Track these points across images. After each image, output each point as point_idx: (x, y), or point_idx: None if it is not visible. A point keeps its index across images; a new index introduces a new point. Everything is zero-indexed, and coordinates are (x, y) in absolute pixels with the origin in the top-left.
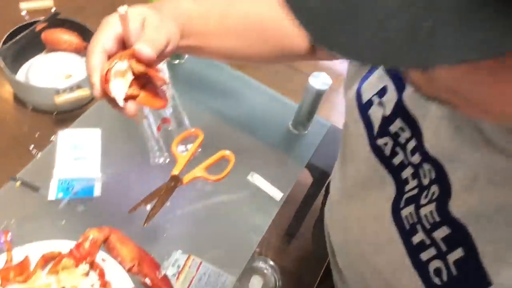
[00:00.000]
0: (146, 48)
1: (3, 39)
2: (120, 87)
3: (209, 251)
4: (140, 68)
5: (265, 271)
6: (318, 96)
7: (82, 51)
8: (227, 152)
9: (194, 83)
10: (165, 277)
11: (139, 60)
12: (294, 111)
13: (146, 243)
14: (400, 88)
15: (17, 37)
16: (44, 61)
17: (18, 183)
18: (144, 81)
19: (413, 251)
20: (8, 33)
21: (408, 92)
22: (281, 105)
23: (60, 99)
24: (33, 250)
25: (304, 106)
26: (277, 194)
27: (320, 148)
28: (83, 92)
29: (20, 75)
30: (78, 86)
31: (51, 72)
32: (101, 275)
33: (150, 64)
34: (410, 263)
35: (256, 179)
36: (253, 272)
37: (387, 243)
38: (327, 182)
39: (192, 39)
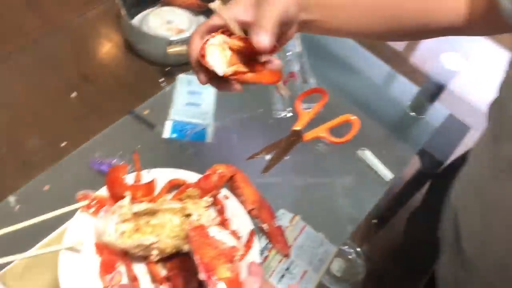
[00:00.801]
0: (262, 40)
1: None
2: (216, 60)
3: (312, 216)
4: (235, 42)
5: (350, 256)
6: (448, 77)
7: (195, 8)
8: (352, 117)
9: (316, 48)
10: (280, 227)
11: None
12: (413, 93)
13: None
14: None
15: None
16: (158, 13)
17: (147, 111)
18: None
19: None
20: None
21: None
22: (400, 85)
23: (172, 50)
24: (160, 175)
25: (429, 87)
26: (387, 174)
27: (435, 135)
28: None
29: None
30: None
31: (164, 25)
32: (221, 211)
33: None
34: None
35: (367, 156)
36: (337, 255)
37: None
38: (442, 167)
39: (313, 13)
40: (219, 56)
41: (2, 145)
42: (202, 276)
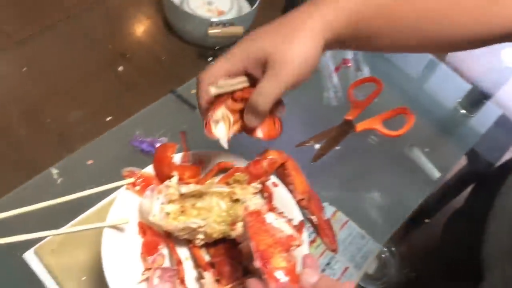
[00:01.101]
0: (253, 123)
1: None
2: (222, 132)
3: (355, 211)
4: (237, 106)
5: (383, 255)
6: (506, 74)
7: None
8: (408, 110)
9: None
10: (329, 220)
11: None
12: (465, 90)
13: None
14: None
15: None
16: None
17: (193, 90)
18: None
19: None
20: None
21: None
22: (451, 81)
23: (212, 32)
24: (207, 157)
25: (483, 83)
26: (435, 173)
27: (486, 135)
28: (236, 30)
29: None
30: (231, 23)
31: (204, 5)
32: (269, 199)
33: None
34: None
35: (415, 153)
36: None
37: None
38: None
39: (349, 44)
40: (224, 124)
41: (46, 116)
42: (257, 263)
